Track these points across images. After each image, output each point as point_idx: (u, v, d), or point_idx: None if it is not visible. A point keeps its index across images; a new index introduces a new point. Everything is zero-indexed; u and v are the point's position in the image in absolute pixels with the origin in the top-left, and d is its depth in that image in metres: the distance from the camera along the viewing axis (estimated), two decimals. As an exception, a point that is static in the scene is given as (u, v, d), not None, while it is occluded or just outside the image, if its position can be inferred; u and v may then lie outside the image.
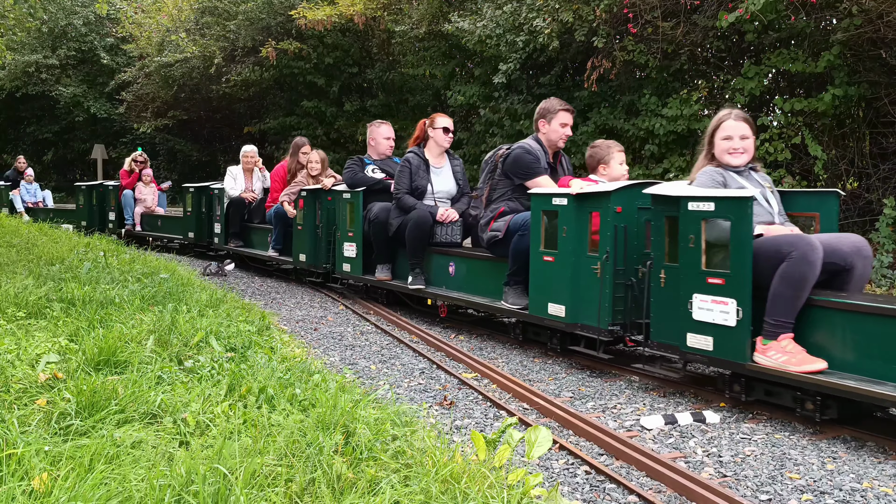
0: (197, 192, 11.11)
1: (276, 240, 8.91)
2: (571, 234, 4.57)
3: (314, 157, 8.69)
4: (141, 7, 18.96)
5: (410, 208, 6.25)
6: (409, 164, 6.47)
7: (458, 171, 6.62)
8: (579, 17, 9.03)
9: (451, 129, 6.57)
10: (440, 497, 2.15)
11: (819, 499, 2.78)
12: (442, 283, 6.20)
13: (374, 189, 6.99)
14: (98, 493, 2.02)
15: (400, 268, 6.70)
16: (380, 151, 7.44)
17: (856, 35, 7.12)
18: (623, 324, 4.39)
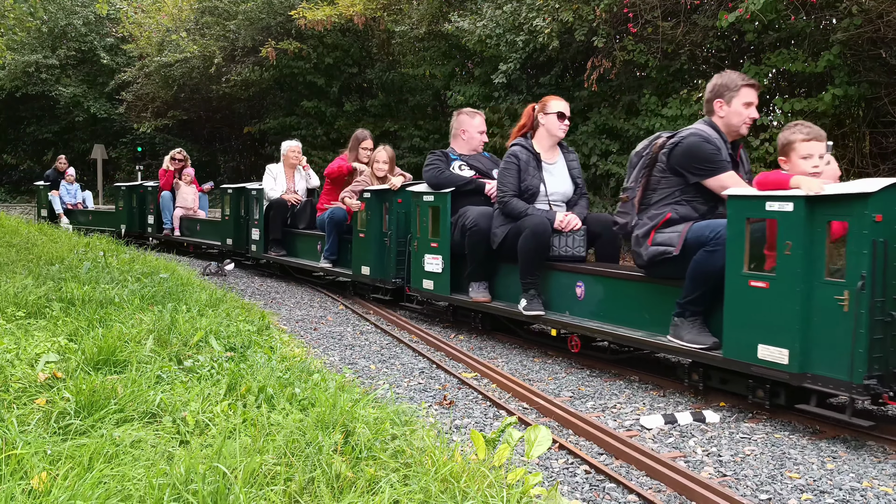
0: (235, 193, 10.03)
1: (330, 249, 7.75)
2: (800, 251, 3.38)
3: (381, 156, 7.34)
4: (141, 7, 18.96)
5: (520, 214, 5.05)
6: (517, 160, 5.20)
7: (575, 167, 5.45)
8: (579, 17, 9.02)
9: (568, 114, 5.31)
10: (439, 496, 2.15)
11: (819, 498, 2.78)
12: (564, 307, 4.94)
13: (463, 190, 5.78)
14: (97, 493, 2.02)
15: (499, 287, 5.54)
16: (473, 146, 6.20)
17: (856, 35, 7.11)
18: (881, 375, 3.26)
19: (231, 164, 20.51)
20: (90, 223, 14.42)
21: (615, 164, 9.71)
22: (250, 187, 9.62)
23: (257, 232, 9.28)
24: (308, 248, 8.57)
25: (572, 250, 5.04)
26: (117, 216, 13.84)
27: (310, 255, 8.47)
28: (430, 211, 5.91)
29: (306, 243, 8.64)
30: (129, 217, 13.28)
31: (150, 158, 21.51)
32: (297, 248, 8.87)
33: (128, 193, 13.35)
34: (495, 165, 5.91)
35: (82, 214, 15.05)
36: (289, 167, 9.22)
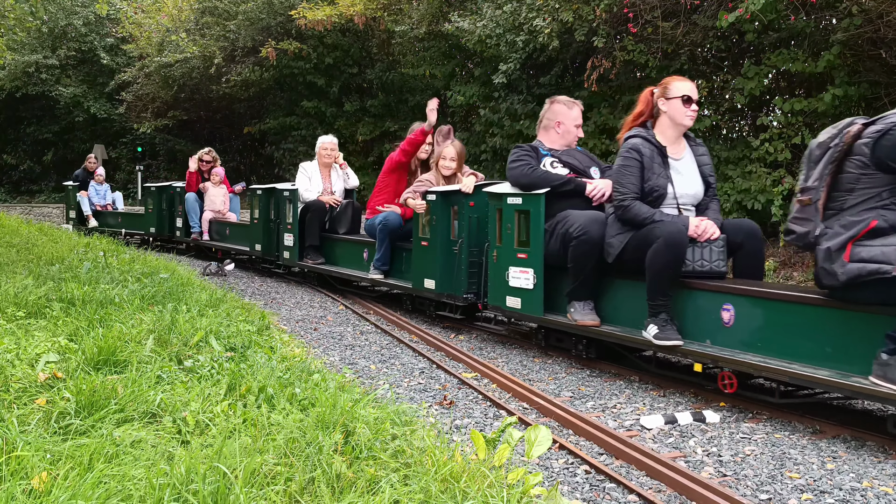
0: (265, 194, 9.24)
1: (381, 258, 6.83)
2: None
3: (448, 152, 6.33)
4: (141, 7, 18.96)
5: (645, 221, 4.17)
6: (639, 155, 4.32)
7: (706, 163, 4.51)
8: (579, 17, 9.02)
9: (696, 97, 4.38)
10: (440, 496, 2.15)
11: (819, 498, 2.78)
12: (703, 335, 4.01)
13: (560, 191, 4.83)
14: (97, 492, 2.02)
15: (608, 307, 4.62)
16: (567, 141, 5.21)
17: (856, 35, 7.11)
18: None
19: (231, 164, 20.49)
20: (119, 225, 13.98)
21: (615, 164, 9.70)
22: (281, 188, 8.81)
23: (291, 237, 8.41)
24: (351, 256, 7.71)
25: (710, 264, 4.10)
26: (146, 219, 13.12)
27: (354, 263, 7.63)
28: (518, 216, 4.96)
29: (349, 250, 7.79)
30: (158, 219, 12.54)
31: (150, 158, 21.52)
32: (337, 255, 8.04)
33: (157, 195, 12.58)
34: (593, 163, 5.19)
35: (111, 216, 14.44)
36: (323, 166, 8.41)
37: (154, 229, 12.61)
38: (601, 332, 4.51)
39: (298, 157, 16.40)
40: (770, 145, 8.24)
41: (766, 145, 8.27)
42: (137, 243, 13.13)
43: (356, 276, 7.44)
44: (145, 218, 13.20)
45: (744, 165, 8.50)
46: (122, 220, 14.17)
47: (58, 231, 11.78)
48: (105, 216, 14.48)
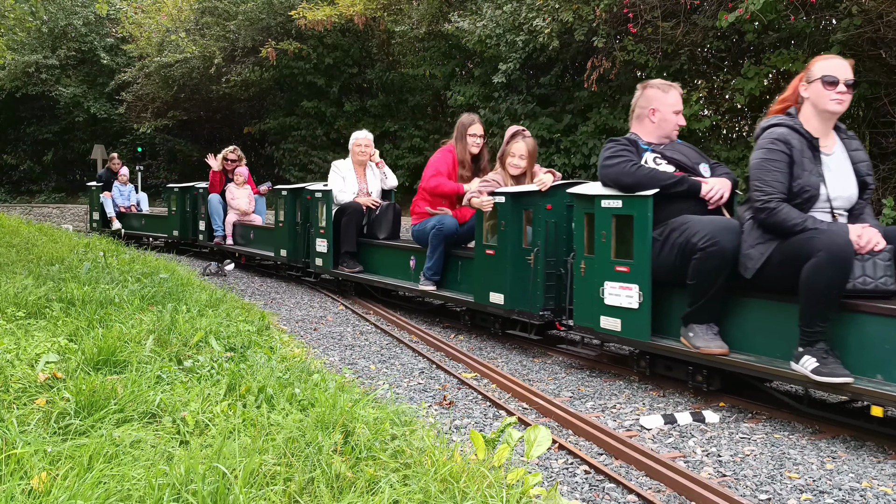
0: (291, 195, 8.58)
1: (433, 267, 6.06)
2: None
3: (518, 148, 5.43)
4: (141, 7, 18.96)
5: (794, 228, 3.49)
6: (787, 147, 3.63)
7: (862, 160, 3.80)
8: (579, 17, 9.03)
9: (845, 78, 3.60)
10: (439, 496, 2.15)
11: (818, 498, 2.78)
12: (872, 369, 3.29)
13: (670, 193, 4.08)
14: (97, 493, 2.02)
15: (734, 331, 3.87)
16: (665, 132, 4.42)
17: (856, 35, 7.12)
18: None
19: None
20: (143, 228, 13.48)
21: (615, 165, 9.70)
22: (313, 188, 8.05)
23: (324, 243, 7.60)
24: (395, 264, 6.90)
25: (875, 281, 3.37)
26: (169, 221, 12.29)
27: (398, 272, 6.83)
28: (616, 221, 4.22)
29: (393, 258, 6.96)
30: (181, 222, 11.77)
31: (150, 158, 21.51)
32: (377, 263, 7.24)
33: (180, 196, 11.78)
34: (702, 158, 4.42)
35: (136, 218, 13.82)
36: (358, 164, 7.69)
37: (177, 232, 11.91)
38: (732, 361, 3.72)
39: (298, 157, 16.41)
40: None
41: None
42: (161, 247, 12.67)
43: (403, 287, 6.64)
44: (168, 220, 12.39)
45: (744, 166, 8.51)
46: (145, 222, 13.53)
47: (58, 231, 11.79)
48: (129, 218, 13.88)
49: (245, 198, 10.58)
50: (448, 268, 6.13)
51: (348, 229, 7.34)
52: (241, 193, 10.56)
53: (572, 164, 10.36)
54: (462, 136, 6.33)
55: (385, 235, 7.38)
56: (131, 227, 13.70)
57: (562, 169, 10.49)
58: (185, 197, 11.70)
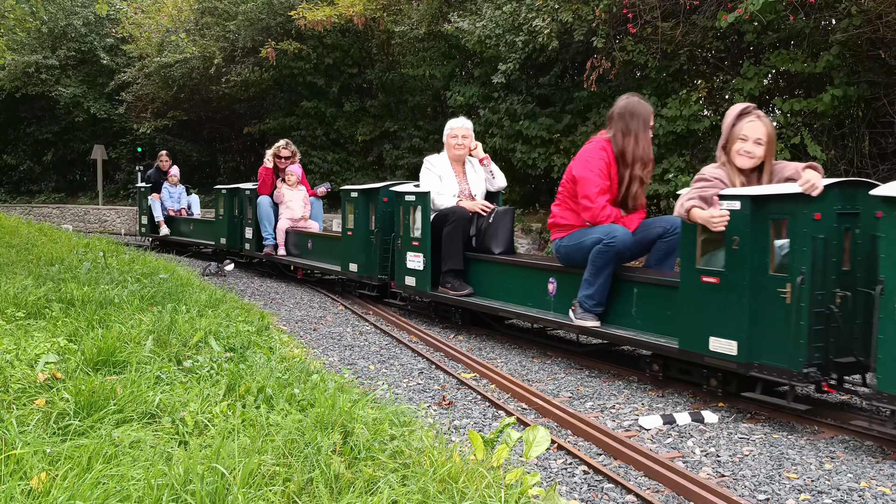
0: (363, 198, 7.09)
1: (596, 294, 4.56)
2: None
3: (753, 130, 3.89)
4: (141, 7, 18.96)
5: None
6: None
7: None
8: (578, 17, 9.03)
9: None
10: (438, 496, 2.16)
11: (816, 498, 2.78)
12: None
13: None
14: (96, 493, 2.03)
15: None
16: None
17: (855, 35, 7.12)
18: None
19: (231, 164, 20.51)
20: (192, 234, 12.20)
21: (615, 165, 9.70)
22: (400, 190, 6.43)
23: (418, 258, 6.07)
24: (522, 288, 5.41)
25: None
26: (217, 227, 10.87)
27: (528, 298, 5.33)
28: None
29: (518, 279, 5.46)
30: (229, 228, 10.40)
31: (150, 159, 21.51)
32: (492, 285, 5.71)
33: (228, 198, 10.34)
34: None
35: (185, 223, 12.43)
36: (455, 160, 6.21)
37: (225, 240, 10.51)
38: None
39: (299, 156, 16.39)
40: (769, 145, 8.24)
41: (766, 145, 8.26)
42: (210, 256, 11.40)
43: (540, 319, 5.10)
44: (215, 227, 10.92)
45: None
46: (194, 228, 12.20)
47: (57, 231, 11.79)
48: (178, 223, 12.58)
49: (299, 201, 9.17)
50: (619, 296, 4.61)
51: (452, 241, 5.81)
52: (295, 196, 9.12)
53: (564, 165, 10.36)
54: (631, 119, 4.82)
55: (501, 249, 5.81)
56: (180, 233, 12.55)
57: (561, 169, 10.50)
58: (232, 200, 10.30)
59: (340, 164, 15.96)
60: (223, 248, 10.56)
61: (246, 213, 9.83)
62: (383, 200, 6.89)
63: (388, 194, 6.82)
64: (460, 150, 6.18)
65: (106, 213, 19.55)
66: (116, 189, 21.91)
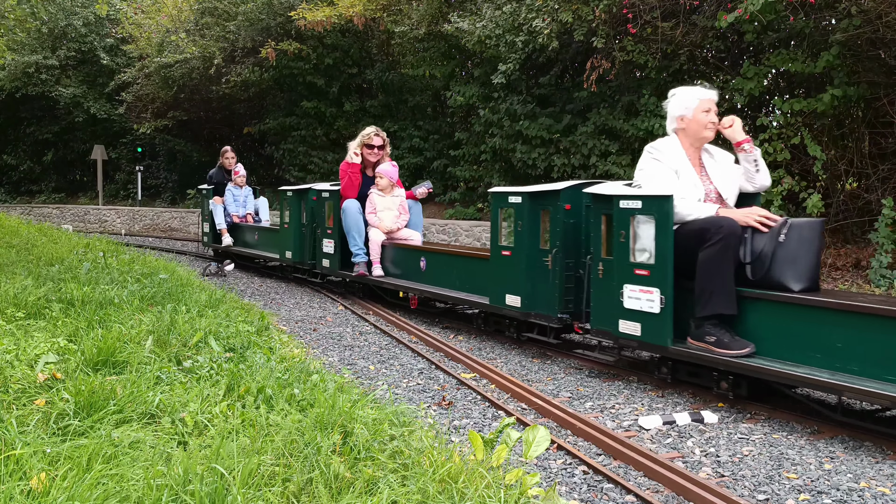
0: (529, 203, 5.02)
1: None
2: None
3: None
4: (141, 8, 18.97)
5: None
6: None
7: None
8: (578, 18, 9.03)
9: None
10: (437, 497, 2.16)
11: (816, 498, 2.78)
12: None
13: None
14: (96, 493, 2.03)
15: None
16: None
17: (855, 35, 7.12)
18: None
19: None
20: (256, 245, 10.05)
21: (614, 165, 9.72)
22: (615, 192, 4.32)
23: (651, 295, 4.04)
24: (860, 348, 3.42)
25: None
26: (281, 238, 8.80)
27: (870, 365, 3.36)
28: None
29: (853, 333, 3.45)
30: (296, 240, 8.34)
31: (150, 159, 21.52)
32: (806, 342, 3.63)
33: (295, 202, 8.35)
34: None
35: (250, 232, 10.27)
36: (693, 148, 4.39)
37: (290, 254, 8.44)
38: None
39: (298, 157, 16.40)
40: (769, 145, 8.24)
41: (766, 146, 8.27)
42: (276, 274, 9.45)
43: None
44: (280, 237, 8.85)
45: (743, 166, 8.51)
46: (259, 237, 10.02)
47: (57, 231, 11.79)
48: (242, 232, 10.49)
49: (394, 209, 7.13)
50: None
51: (719, 270, 3.84)
52: (390, 203, 7.14)
53: (572, 164, 10.36)
54: None
55: (803, 285, 3.78)
56: (245, 244, 10.40)
57: (561, 169, 10.49)
58: (300, 204, 8.26)
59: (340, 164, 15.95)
60: (290, 263, 8.57)
61: (322, 221, 7.72)
62: (565, 208, 4.83)
63: (574, 198, 4.84)
64: (711, 130, 4.32)
65: (106, 213, 19.55)
66: (116, 189, 21.91)
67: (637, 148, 9.63)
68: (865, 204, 7.78)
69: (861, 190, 7.95)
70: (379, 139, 7.44)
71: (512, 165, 11.07)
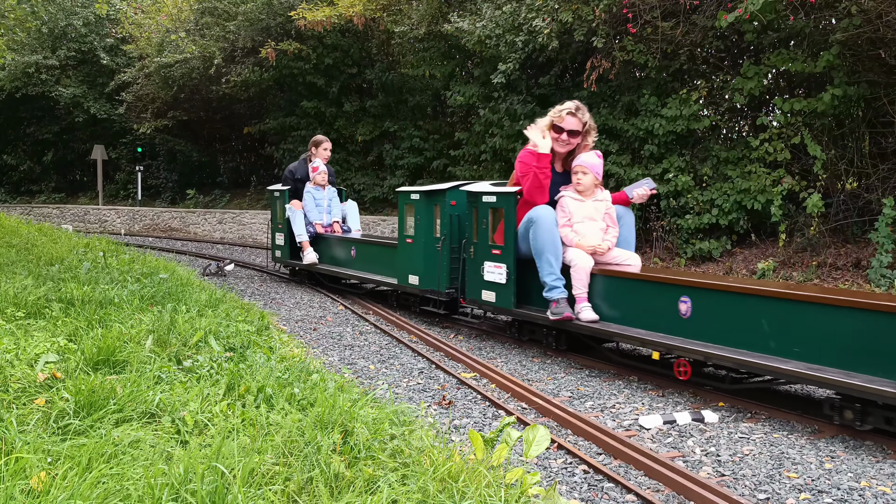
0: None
1: None
2: None
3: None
4: (141, 7, 18.97)
5: None
6: None
7: None
8: (578, 17, 9.03)
9: None
10: (438, 496, 2.15)
11: (817, 498, 2.78)
12: None
13: None
14: (96, 492, 2.03)
15: None
16: None
17: (855, 35, 7.12)
18: None
19: (231, 164, 20.51)
20: (351, 264, 7.71)
21: (614, 164, 9.71)
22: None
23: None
24: None
25: None
26: (402, 257, 6.53)
27: None
28: None
29: None
30: (426, 260, 6.16)
31: (150, 159, 21.52)
32: None
33: (424, 207, 6.17)
34: None
35: (341, 246, 7.94)
36: None
37: (417, 279, 6.29)
38: None
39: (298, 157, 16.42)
40: (770, 145, 8.25)
41: (766, 145, 8.27)
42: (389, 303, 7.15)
43: None
44: (400, 255, 6.57)
45: (743, 165, 8.51)
46: (356, 253, 7.63)
47: (57, 231, 11.79)
48: (330, 245, 8.15)
49: (598, 220, 4.97)
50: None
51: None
52: (591, 210, 4.98)
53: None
54: None
55: None
56: (334, 260, 8.09)
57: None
58: (431, 210, 6.12)
59: (340, 164, 15.96)
60: (414, 290, 6.38)
61: (482, 235, 5.51)
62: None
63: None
64: None
65: (106, 213, 19.56)
66: (116, 189, 21.92)
67: (637, 147, 9.64)
68: (865, 203, 7.78)
69: (861, 189, 7.94)
70: (575, 120, 5.09)
71: (512, 165, 11.07)
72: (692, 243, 8.86)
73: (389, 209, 14.79)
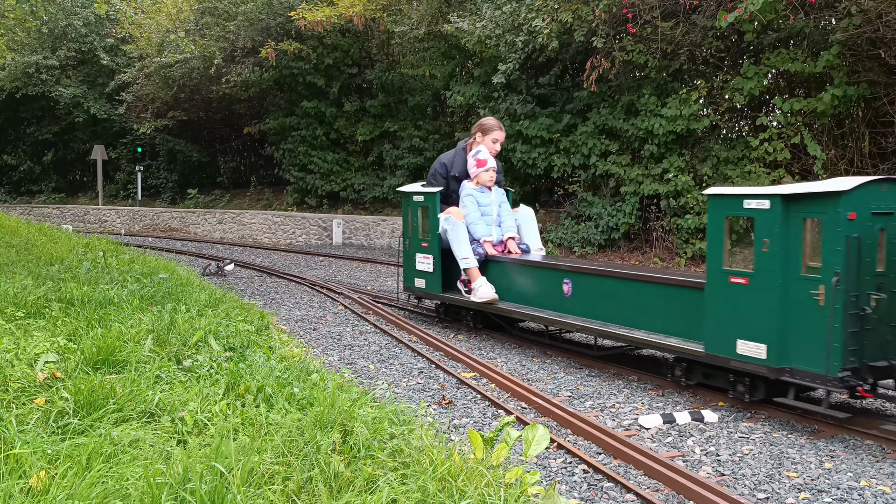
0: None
1: None
2: None
3: None
4: (140, 7, 18.96)
5: None
6: None
7: None
8: (578, 18, 9.03)
9: None
10: (437, 495, 2.15)
11: (816, 497, 2.78)
12: None
13: None
14: (95, 491, 2.03)
15: None
16: None
17: (855, 35, 7.12)
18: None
19: (231, 164, 20.50)
20: (564, 307, 5.08)
21: (614, 164, 9.72)
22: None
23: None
24: None
25: None
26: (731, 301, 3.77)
27: None
28: None
29: None
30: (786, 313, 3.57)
31: (150, 159, 21.52)
32: None
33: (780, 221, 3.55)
34: None
35: (522, 273, 5.55)
36: None
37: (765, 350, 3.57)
38: None
39: (298, 157, 16.41)
40: (769, 145, 8.24)
41: (766, 145, 8.27)
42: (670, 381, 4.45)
43: None
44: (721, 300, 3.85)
45: (743, 165, 8.51)
46: (573, 289, 5.00)
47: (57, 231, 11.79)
48: (505, 273, 5.68)
49: None
50: None
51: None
52: None
53: (572, 164, 10.35)
54: None
55: None
56: (523, 298, 5.50)
57: (561, 169, 10.49)
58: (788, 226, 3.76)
59: (340, 164, 15.96)
60: (756, 368, 3.68)
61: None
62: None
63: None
64: None
65: (106, 213, 19.55)
66: (116, 189, 21.91)
67: (637, 147, 9.63)
68: (865, 203, 7.77)
69: (861, 189, 7.93)
70: None
71: (512, 165, 11.07)
72: (692, 243, 8.86)
73: (389, 209, 14.78)
